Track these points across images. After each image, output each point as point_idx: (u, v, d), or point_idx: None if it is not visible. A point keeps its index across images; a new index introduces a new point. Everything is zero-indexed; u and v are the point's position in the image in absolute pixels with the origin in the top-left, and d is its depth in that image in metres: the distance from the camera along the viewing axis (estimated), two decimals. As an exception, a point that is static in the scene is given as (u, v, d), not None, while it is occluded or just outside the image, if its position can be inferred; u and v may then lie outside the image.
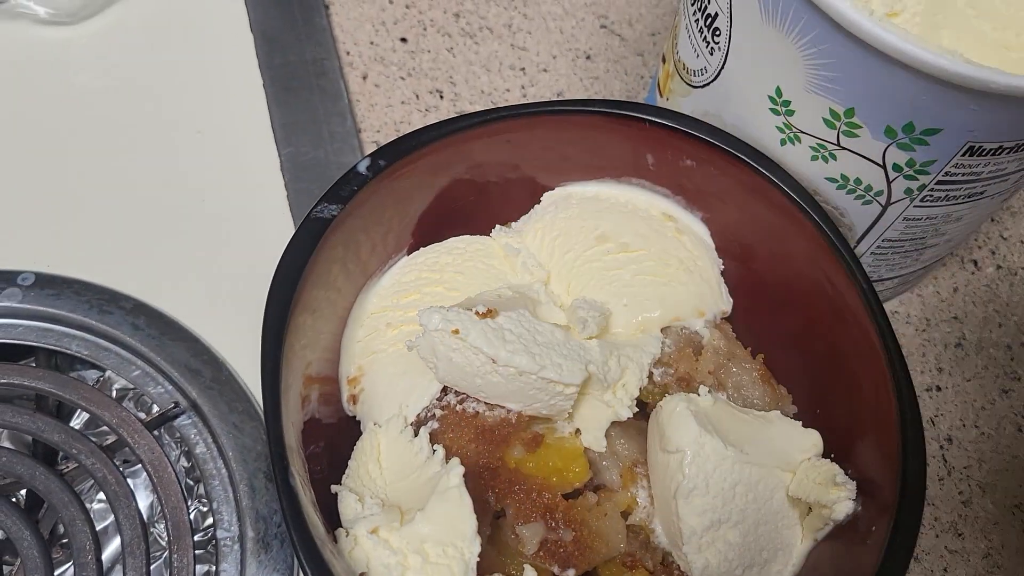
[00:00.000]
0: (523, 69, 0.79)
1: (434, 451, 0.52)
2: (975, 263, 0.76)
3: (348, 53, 0.78)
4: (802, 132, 0.54)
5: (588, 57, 0.81)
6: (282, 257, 0.50)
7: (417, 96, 0.77)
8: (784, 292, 0.60)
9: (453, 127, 0.56)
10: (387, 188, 0.56)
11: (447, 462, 0.51)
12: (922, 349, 0.72)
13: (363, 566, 0.47)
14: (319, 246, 0.53)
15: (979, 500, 0.67)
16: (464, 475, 0.51)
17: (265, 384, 0.47)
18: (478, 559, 0.47)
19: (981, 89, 0.45)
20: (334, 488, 0.51)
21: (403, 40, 0.80)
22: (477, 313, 0.52)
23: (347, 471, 0.53)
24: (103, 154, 0.72)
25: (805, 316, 0.59)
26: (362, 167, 0.53)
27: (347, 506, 0.51)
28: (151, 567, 0.57)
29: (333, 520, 0.51)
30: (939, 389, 0.70)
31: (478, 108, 0.77)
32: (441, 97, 0.77)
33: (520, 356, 0.51)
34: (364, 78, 0.78)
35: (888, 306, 0.73)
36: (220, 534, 0.60)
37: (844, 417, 0.56)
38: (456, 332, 0.51)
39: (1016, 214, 0.78)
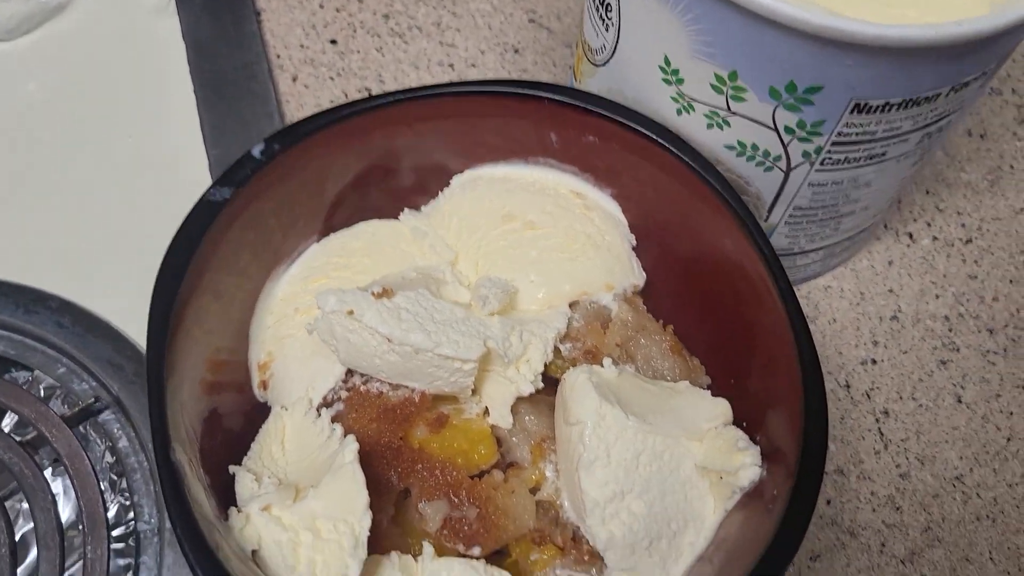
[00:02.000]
0: (451, 65, 0.80)
1: (334, 430, 0.52)
2: (910, 235, 0.75)
3: (279, 56, 0.79)
4: (694, 100, 0.54)
5: (516, 51, 0.81)
6: (172, 239, 0.50)
7: (346, 95, 0.78)
8: (696, 264, 0.59)
9: (349, 111, 0.56)
10: (289, 172, 0.56)
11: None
12: (856, 323, 0.71)
13: (255, 544, 0.47)
14: (220, 229, 0.53)
15: (917, 473, 0.66)
16: (365, 454, 0.51)
17: (150, 360, 0.47)
18: (371, 536, 0.47)
19: (852, 42, 0.45)
20: (232, 468, 0.51)
21: (333, 42, 0.81)
22: (373, 294, 0.52)
23: (249, 453, 0.53)
24: (34, 159, 0.73)
25: (716, 287, 0.58)
26: (256, 151, 0.54)
27: (243, 486, 0.50)
28: (66, 560, 0.57)
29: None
30: (874, 362, 0.70)
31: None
32: (370, 95, 0.78)
33: (415, 334, 0.51)
34: (294, 80, 0.79)
35: (821, 281, 0.73)
36: (140, 527, 0.60)
37: (755, 387, 0.56)
38: (351, 313, 0.51)
39: (951, 185, 0.77)
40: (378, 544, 0.51)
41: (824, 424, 0.49)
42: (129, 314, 0.66)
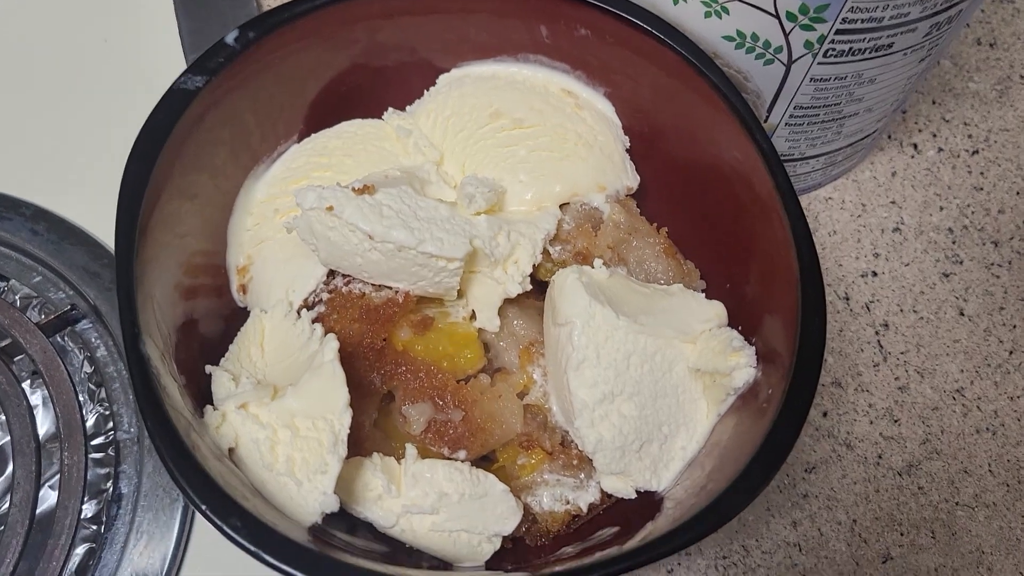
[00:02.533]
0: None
1: (314, 330, 0.50)
2: (915, 146, 0.72)
3: (260, -42, 0.76)
4: (691, -16, 0.51)
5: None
6: (143, 125, 0.48)
7: (331, -1, 0.75)
8: (692, 166, 0.57)
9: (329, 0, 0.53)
10: (265, 64, 0.53)
11: (325, 340, 0.49)
12: (857, 234, 0.69)
13: (231, 441, 0.46)
14: (193, 120, 0.51)
15: (917, 385, 0.64)
16: (347, 355, 0.49)
17: (119, 247, 0.45)
18: (353, 438, 0.46)
19: (858, -91, 0.42)
20: (208, 368, 0.50)
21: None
22: (353, 189, 0.50)
23: (227, 354, 0.52)
24: (5, 63, 0.71)
25: (713, 189, 0.56)
26: (230, 39, 0.51)
27: (220, 385, 0.49)
28: (44, 472, 0.56)
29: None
30: (875, 274, 0.68)
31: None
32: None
33: (398, 231, 0.49)
34: (276, -17, 0.75)
35: (822, 192, 0.70)
36: (120, 436, 0.59)
37: (752, 290, 0.54)
38: (331, 209, 0.49)
39: (959, 96, 0.74)
40: (360, 447, 0.49)
41: (822, 321, 0.47)
42: (105, 221, 0.62)
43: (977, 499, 0.61)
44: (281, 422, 0.46)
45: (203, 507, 0.40)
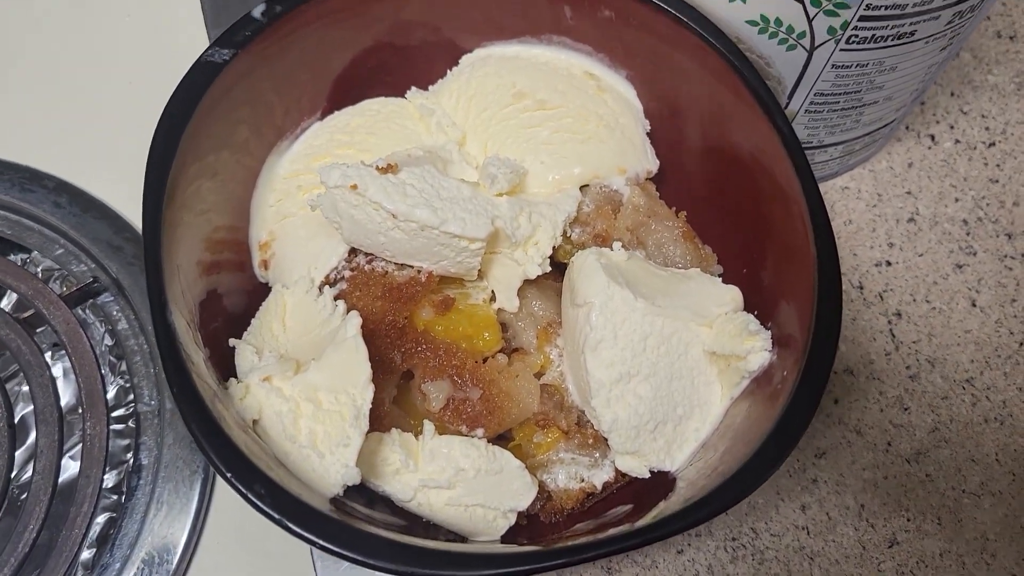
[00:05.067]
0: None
1: (336, 307, 0.51)
2: (932, 137, 0.73)
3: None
4: (716, -30, 0.52)
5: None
6: (171, 97, 0.49)
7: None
8: (713, 151, 0.57)
9: (356, -24, 0.54)
10: (291, 38, 0.54)
11: (348, 316, 0.49)
12: (872, 224, 0.69)
13: (255, 413, 0.47)
14: (219, 94, 0.51)
15: (927, 375, 0.65)
16: (368, 332, 0.50)
17: (146, 222, 0.45)
18: (373, 414, 0.46)
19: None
20: (232, 341, 0.50)
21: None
22: (377, 168, 0.50)
23: (248, 329, 0.52)
24: (31, 37, 0.71)
25: (733, 175, 0.56)
26: (256, 12, 0.51)
27: (244, 359, 0.50)
28: (65, 441, 0.57)
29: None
30: (889, 264, 0.68)
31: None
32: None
33: (421, 210, 0.49)
34: (298, -39, 0.75)
35: (839, 181, 0.71)
36: (141, 408, 0.59)
37: (769, 276, 0.54)
38: (355, 187, 0.49)
39: (977, 88, 0.75)
40: (379, 424, 0.50)
41: (838, 307, 0.47)
42: (128, 195, 0.65)
43: (983, 487, 0.61)
44: (304, 395, 0.47)
45: (228, 474, 0.41)
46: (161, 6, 0.73)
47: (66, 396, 0.61)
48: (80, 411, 0.58)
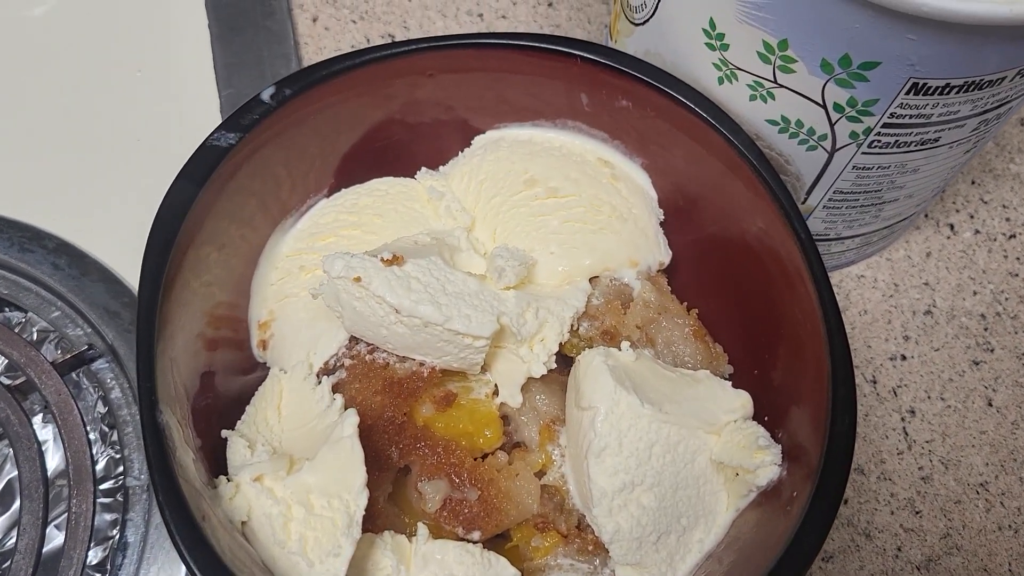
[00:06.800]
0: (481, 15, 0.76)
1: (334, 400, 0.49)
2: (951, 227, 0.71)
3: (299, -6, 0.76)
4: (738, 68, 0.50)
5: (550, 4, 0.77)
6: (171, 186, 0.47)
7: (368, 40, 0.74)
8: (726, 245, 0.56)
9: (369, 57, 0.52)
10: (300, 119, 0.53)
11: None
12: (888, 315, 0.67)
13: (244, 515, 0.45)
14: (224, 176, 0.50)
15: (940, 477, 0.63)
16: (365, 427, 0.48)
17: (141, 312, 0.44)
18: (366, 513, 0.45)
19: (918, 14, 0.41)
20: (224, 433, 0.49)
21: (357, -18, 0.77)
22: (383, 260, 0.49)
23: (243, 417, 0.51)
24: (36, 89, 0.70)
25: (746, 271, 0.55)
26: (265, 95, 0.50)
27: (235, 452, 0.48)
28: (51, 511, 0.55)
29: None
30: (904, 358, 0.66)
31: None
32: (393, 41, 0.74)
33: (425, 306, 0.48)
34: (314, 20, 0.75)
35: (854, 270, 0.69)
36: (130, 482, 0.58)
37: (781, 379, 0.53)
38: (358, 279, 0.48)
39: (999, 177, 0.73)
40: (372, 522, 0.48)
41: (852, 423, 0.46)
42: (128, 259, 0.63)
43: (996, 599, 0.59)
44: (296, 498, 0.45)
45: (211, 591, 0.39)
46: (173, 61, 0.72)
47: (55, 460, 0.59)
48: (67, 480, 0.56)
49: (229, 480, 0.46)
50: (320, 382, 0.51)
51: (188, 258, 0.49)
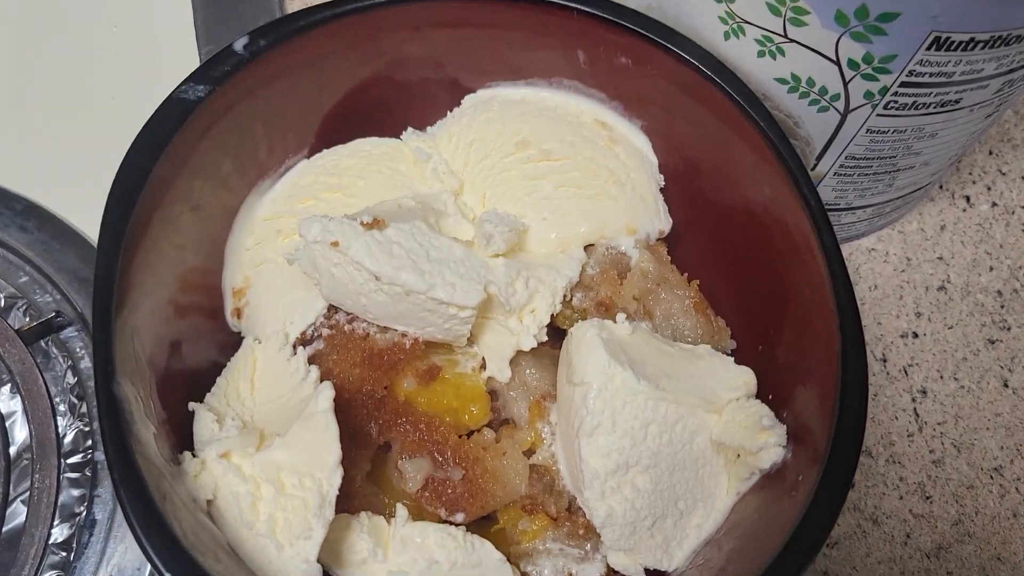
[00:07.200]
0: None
1: (309, 371, 0.46)
2: (967, 199, 0.68)
3: (285, -52, 0.72)
4: (746, 22, 0.47)
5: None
6: (134, 140, 0.44)
7: (357, -4, 0.70)
8: (730, 212, 0.53)
9: (352, 6, 0.49)
10: (278, 73, 0.50)
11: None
12: (899, 291, 0.64)
13: (209, 493, 0.42)
14: (194, 132, 0.47)
15: (952, 460, 0.60)
16: (343, 402, 0.45)
17: (98, 275, 0.41)
18: (342, 492, 0.42)
19: (945, -42, 0.38)
20: (192, 406, 0.46)
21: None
22: (362, 223, 0.46)
23: (213, 389, 0.48)
24: (5, 44, 0.67)
25: (751, 240, 0.52)
26: (238, 46, 0.47)
27: (203, 426, 0.45)
28: (15, 487, 0.53)
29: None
30: (916, 336, 0.63)
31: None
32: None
33: (407, 273, 0.45)
34: (300, -26, 0.71)
35: (865, 242, 0.66)
36: (98, 456, 0.55)
37: (786, 356, 0.50)
38: (336, 244, 0.45)
39: (1018, 147, 0.69)
40: (349, 502, 0.45)
41: (863, 404, 0.43)
42: (98, 223, 0.60)
43: (1009, 590, 0.56)
44: (265, 476, 0.42)
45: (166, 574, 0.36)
46: (151, 16, 0.68)
47: (23, 434, 0.56)
48: (31, 455, 0.53)
49: (195, 456, 0.43)
50: (296, 353, 0.48)
51: (156, 217, 0.46)
